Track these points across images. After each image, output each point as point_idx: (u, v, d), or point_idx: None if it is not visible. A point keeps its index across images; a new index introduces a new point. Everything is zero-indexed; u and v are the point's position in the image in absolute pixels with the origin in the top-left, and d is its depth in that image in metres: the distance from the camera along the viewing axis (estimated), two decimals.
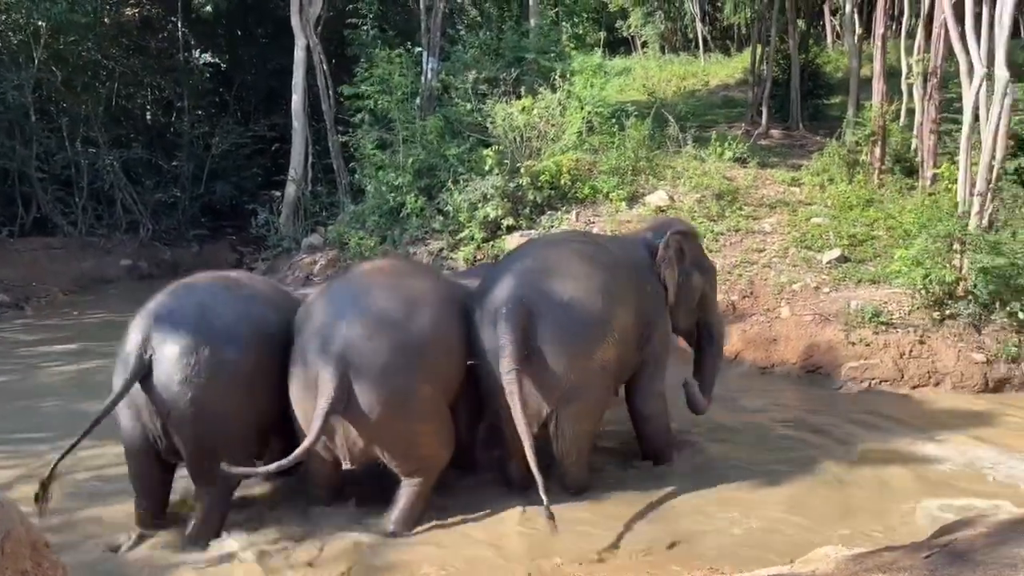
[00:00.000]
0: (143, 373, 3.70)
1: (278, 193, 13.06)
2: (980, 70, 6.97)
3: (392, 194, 10.11)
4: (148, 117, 16.11)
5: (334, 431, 3.76)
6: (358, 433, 3.73)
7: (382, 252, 9.81)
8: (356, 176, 11.38)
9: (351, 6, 12.14)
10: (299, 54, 12.29)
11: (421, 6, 12.08)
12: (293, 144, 12.60)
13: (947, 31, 7.94)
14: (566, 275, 4.20)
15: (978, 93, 7.03)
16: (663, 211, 9.45)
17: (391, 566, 3.65)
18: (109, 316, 9.52)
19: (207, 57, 16.85)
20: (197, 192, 14.40)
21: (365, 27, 11.88)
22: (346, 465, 3.88)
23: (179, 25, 15.27)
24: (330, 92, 12.34)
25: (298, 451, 3.65)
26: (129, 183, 13.79)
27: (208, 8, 16.19)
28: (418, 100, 11.21)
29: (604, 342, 4.13)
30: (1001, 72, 6.75)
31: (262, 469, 3.91)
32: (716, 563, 3.42)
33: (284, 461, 3.69)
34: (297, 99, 12.44)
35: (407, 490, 3.97)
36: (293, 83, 12.44)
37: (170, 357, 3.69)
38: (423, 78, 11.43)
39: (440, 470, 4.08)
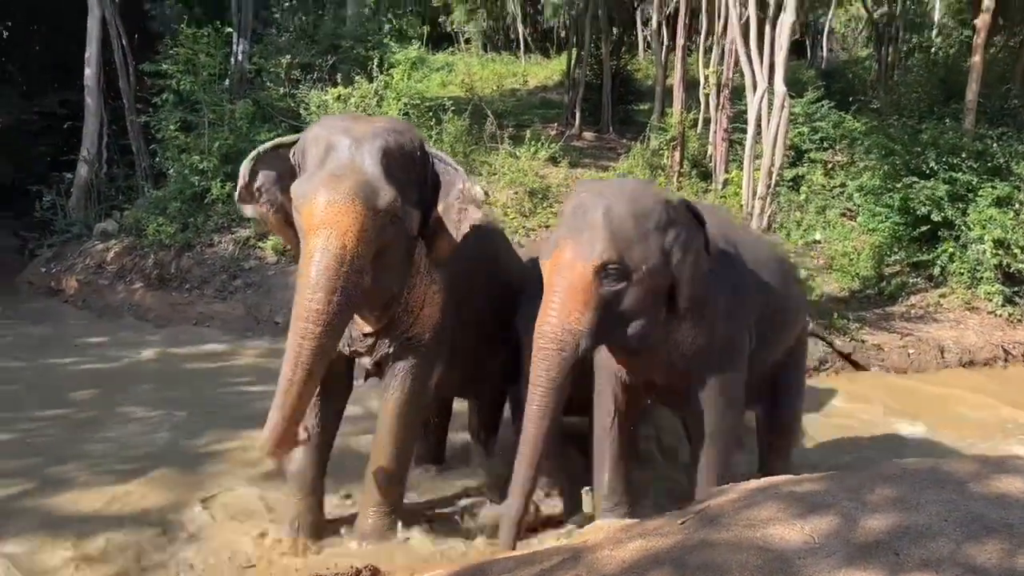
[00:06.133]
0: None
1: (69, 175, 12.02)
2: (762, 84, 7.62)
3: (196, 178, 9.59)
4: None
5: None
6: None
7: (183, 240, 9.29)
8: (157, 159, 10.70)
9: None
10: (93, 25, 11.36)
11: None
12: (85, 122, 11.63)
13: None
14: None
15: (760, 105, 7.69)
16: None
17: None
18: None
19: None
20: None
21: (168, 2, 11.19)
22: None
23: None
24: (129, 69, 11.50)
25: None
26: None
27: None
28: (227, 82, 10.70)
29: None
30: (779, 87, 7.42)
31: None
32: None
33: None
34: (90, 74, 11.49)
35: None
36: (86, 56, 11.48)
37: None
38: (233, 59, 10.93)
39: None
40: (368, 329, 3.41)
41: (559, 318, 2.94)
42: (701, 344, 3.27)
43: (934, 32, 17.91)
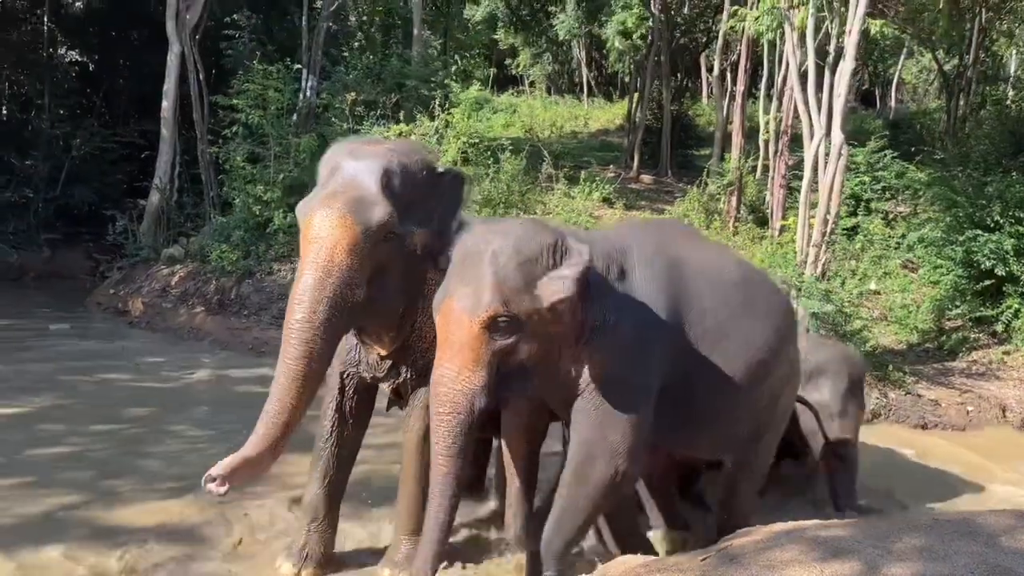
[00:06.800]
0: None
1: (142, 201, 12.55)
2: (819, 132, 7.58)
3: (260, 208, 9.92)
4: (3, 112, 15.16)
5: None
6: None
7: (244, 268, 9.59)
8: (224, 188, 11.10)
9: (231, 17, 11.95)
10: (172, 60, 11.95)
11: (304, 24, 12.03)
12: (160, 152, 12.17)
13: None
14: None
15: (817, 153, 7.63)
16: None
17: None
18: None
19: (74, 55, 16.07)
20: (52, 194, 13.61)
21: (242, 39, 11.70)
22: None
23: (45, 20, 14.53)
24: (204, 102, 12.03)
25: None
26: None
27: (79, 5, 15.51)
28: (295, 117, 11.09)
29: None
30: (836, 135, 7.36)
31: None
32: None
33: None
34: (167, 106, 12.05)
35: None
36: (164, 89, 12.05)
37: None
38: (301, 95, 11.33)
39: None
40: (383, 352, 3.43)
41: (451, 378, 2.77)
42: (592, 378, 2.94)
43: (1009, 85, 17.56)
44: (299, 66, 11.36)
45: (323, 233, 2.88)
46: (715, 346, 3.11)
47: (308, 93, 11.47)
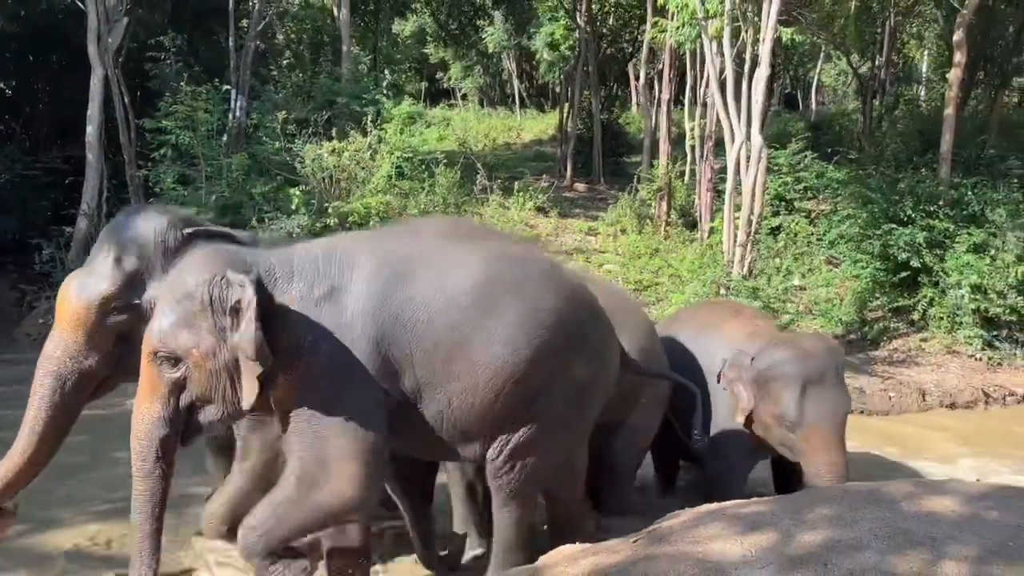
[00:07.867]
0: None
1: (69, 228, 12.25)
2: (739, 136, 7.90)
3: None
4: None
5: None
6: None
7: None
8: None
9: (155, 39, 11.80)
10: (96, 84, 11.71)
11: (231, 44, 11.96)
12: (87, 177, 11.89)
13: None
14: None
15: (738, 157, 7.96)
16: None
17: None
18: None
19: None
20: None
21: (167, 60, 11.57)
22: None
23: None
24: (130, 125, 11.83)
25: None
26: None
27: None
28: (225, 137, 11.01)
29: None
30: (756, 139, 7.70)
31: None
32: None
33: None
34: (92, 131, 11.81)
35: None
36: (88, 114, 11.80)
37: None
38: (231, 115, 11.26)
39: None
40: None
41: (136, 407, 2.92)
42: (302, 402, 2.91)
43: (922, 85, 18.40)
44: (227, 87, 11.28)
45: (59, 309, 3.24)
46: (453, 352, 2.97)
47: (238, 113, 11.40)
